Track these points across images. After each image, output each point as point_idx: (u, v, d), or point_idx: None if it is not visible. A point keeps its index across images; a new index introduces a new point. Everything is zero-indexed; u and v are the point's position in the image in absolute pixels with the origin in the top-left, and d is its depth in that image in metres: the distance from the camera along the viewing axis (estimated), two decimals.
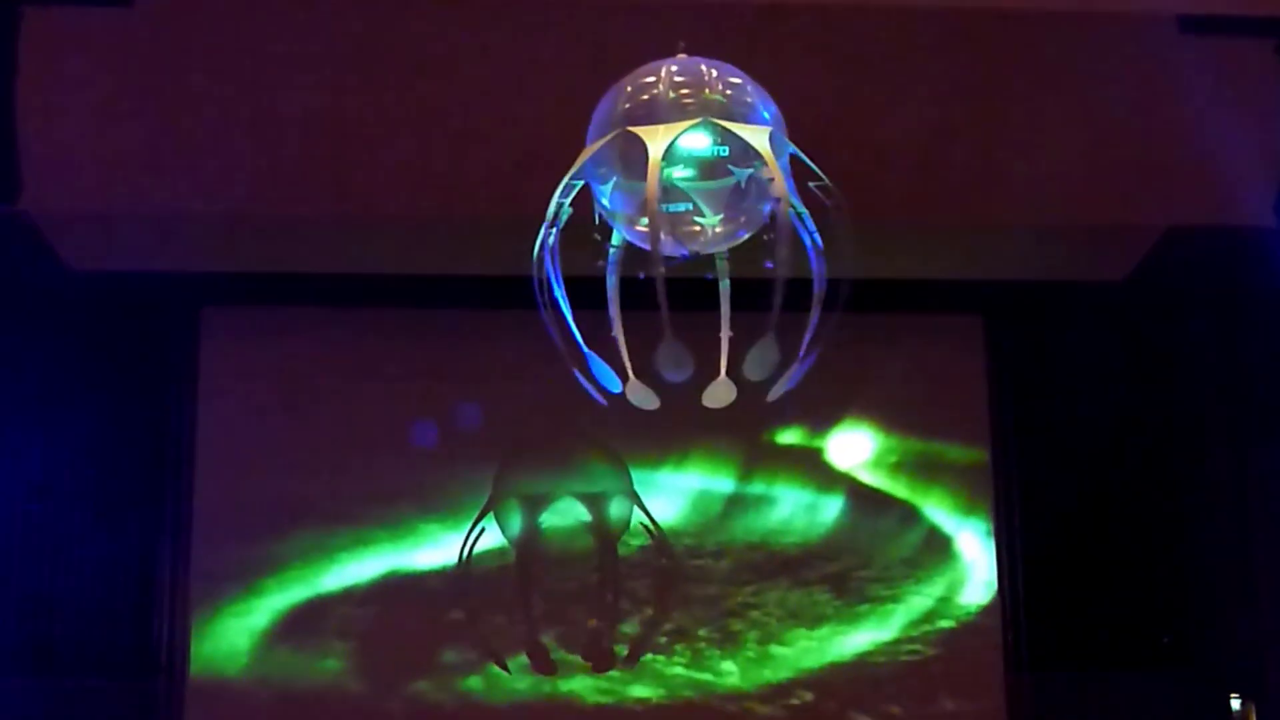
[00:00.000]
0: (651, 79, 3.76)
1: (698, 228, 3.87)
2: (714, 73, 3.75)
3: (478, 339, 8.60)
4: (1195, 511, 8.68)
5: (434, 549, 8.51)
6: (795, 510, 8.83)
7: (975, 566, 8.79)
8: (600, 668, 6.33)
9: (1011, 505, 8.81)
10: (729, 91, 3.72)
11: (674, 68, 3.77)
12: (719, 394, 3.70)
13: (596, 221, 3.94)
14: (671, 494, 8.69)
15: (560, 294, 3.84)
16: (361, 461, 8.61)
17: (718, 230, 3.87)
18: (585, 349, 3.82)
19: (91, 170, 6.83)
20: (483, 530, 6.26)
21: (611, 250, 4.01)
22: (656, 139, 3.65)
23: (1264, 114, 6.22)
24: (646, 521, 6.23)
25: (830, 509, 8.85)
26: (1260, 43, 6.17)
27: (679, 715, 8.43)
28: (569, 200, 3.88)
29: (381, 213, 7.25)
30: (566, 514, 6.21)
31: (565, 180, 3.85)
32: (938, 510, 8.85)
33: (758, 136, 3.66)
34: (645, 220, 3.85)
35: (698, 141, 3.74)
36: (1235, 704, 8.06)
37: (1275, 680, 7.79)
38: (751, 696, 8.61)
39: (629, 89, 3.79)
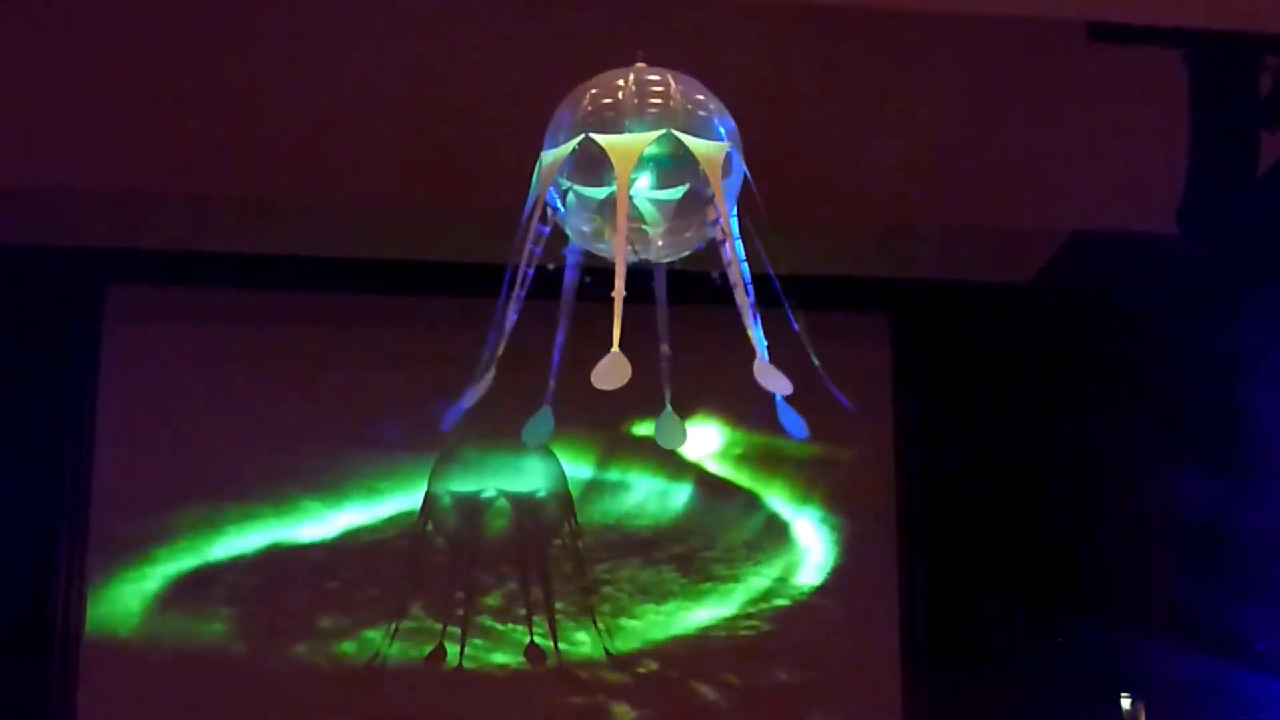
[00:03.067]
0: (612, 87, 3.69)
1: (648, 234, 3.81)
2: (675, 84, 3.68)
3: (374, 324, 8.51)
4: (1093, 512, 8.54)
5: (315, 524, 8.47)
6: (648, 496, 8.85)
7: (810, 551, 8.89)
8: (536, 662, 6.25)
9: (914, 505, 8.79)
10: (689, 105, 3.66)
11: (633, 77, 3.70)
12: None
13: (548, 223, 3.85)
14: None
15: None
16: (252, 441, 8.46)
17: (666, 239, 3.82)
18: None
19: None
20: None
21: (568, 255, 3.92)
22: (620, 148, 3.58)
23: (1170, 122, 6.06)
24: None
25: (680, 495, 8.89)
26: (1169, 52, 5.99)
27: (536, 680, 8.38)
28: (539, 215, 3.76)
29: (287, 195, 7.02)
30: (496, 507, 6.09)
31: (534, 193, 3.73)
32: (777, 499, 8.94)
33: (715, 153, 3.60)
34: (597, 224, 3.79)
35: (654, 149, 3.68)
36: (1125, 704, 7.98)
37: (1165, 681, 7.58)
38: (602, 665, 8.61)
39: (589, 97, 3.70)
